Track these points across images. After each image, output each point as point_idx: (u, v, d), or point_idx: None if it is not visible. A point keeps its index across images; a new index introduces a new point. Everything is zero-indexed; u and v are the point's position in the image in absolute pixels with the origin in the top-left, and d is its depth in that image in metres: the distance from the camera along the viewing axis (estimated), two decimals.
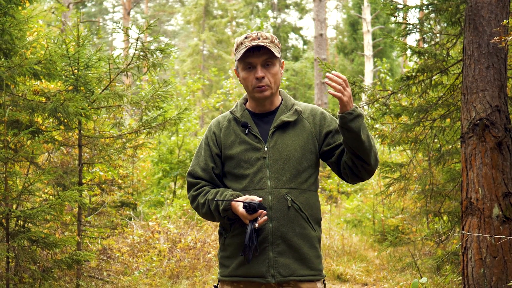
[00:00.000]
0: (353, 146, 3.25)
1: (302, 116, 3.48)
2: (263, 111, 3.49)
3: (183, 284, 8.56)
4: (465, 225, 6.68)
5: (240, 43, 3.38)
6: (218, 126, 3.54)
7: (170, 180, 14.64)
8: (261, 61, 3.35)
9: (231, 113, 3.54)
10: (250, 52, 3.33)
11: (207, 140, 3.53)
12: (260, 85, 3.35)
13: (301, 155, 3.39)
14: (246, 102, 3.58)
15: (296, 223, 3.33)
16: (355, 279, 9.41)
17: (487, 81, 6.59)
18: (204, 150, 3.52)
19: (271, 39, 3.37)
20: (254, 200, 3.21)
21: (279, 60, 3.41)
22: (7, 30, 6.07)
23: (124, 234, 9.89)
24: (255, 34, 3.35)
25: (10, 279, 6.47)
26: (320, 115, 3.51)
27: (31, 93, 6.99)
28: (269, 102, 3.46)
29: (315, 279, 3.40)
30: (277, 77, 3.40)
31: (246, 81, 3.39)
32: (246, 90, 3.46)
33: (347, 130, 3.19)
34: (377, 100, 8.40)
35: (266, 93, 3.38)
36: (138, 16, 48.23)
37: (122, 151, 8.28)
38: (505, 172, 6.52)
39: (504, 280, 6.37)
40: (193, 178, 3.52)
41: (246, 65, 3.37)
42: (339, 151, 3.43)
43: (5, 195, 6.10)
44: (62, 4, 18.33)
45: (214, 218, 3.42)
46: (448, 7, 7.69)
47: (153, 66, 7.64)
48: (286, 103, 3.51)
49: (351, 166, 3.36)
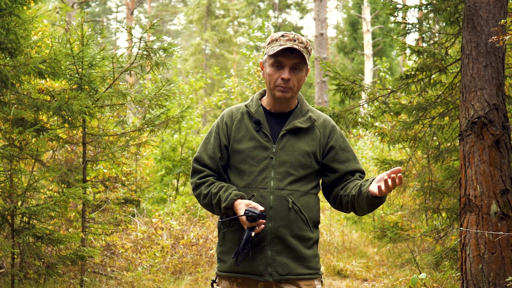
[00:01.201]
0: (359, 208, 3.33)
1: (315, 124, 3.46)
2: (278, 110, 3.46)
3: (186, 279, 8.56)
4: (463, 222, 6.68)
5: (275, 39, 3.36)
6: (231, 117, 3.50)
7: (173, 177, 14.64)
8: (291, 63, 3.32)
9: (245, 107, 3.51)
10: (283, 51, 3.31)
11: (218, 129, 3.50)
12: (284, 86, 3.33)
13: (307, 161, 3.38)
14: (262, 97, 3.56)
15: (295, 224, 3.32)
16: (355, 275, 9.41)
17: (485, 80, 6.59)
18: (214, 139, 3.48)
19: (306, 44, 3.35)
20: (257, 208, 3.19)
21: (306, 66, 3.39)
22: (12, 29, 6.07)
23: (128, 230, 9.90)
24: (292, 35, 3.33)
25: (16, 275, 6.48)
26: (331, 128, 3.50)
27: (36, 92, 6.99)
28: (286, 103, 3.43)
29: (312, 277, 3.39)
30: (300, 82, 3.38)
31: (271, 78, 3.37)
32: (267, 86, 3.43)
33: (367, 204, 3.24)
34: (377, 99, 8.40)
35: (287, 95, 3.36)
36: (141, 15, 48.24)
37: (125, 149, 8.28)
38: (503, 169, 6.52)
39: (502, 275, 6.37)
40: (199, 165, 3.49)
41: (275, 63, 3.34)
42: (334, 177, 3.47)
43: (10, 192, 6.10)
44: (66, 4, 18.34)
45: (213, 211, 3.41)
46: (447, 7, 7.68)
47: (156, 65, 7.64)
48: (302, 107, 3.49)
49: (343, 206, 3.45)
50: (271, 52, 3.32)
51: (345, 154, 3.47)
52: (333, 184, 3.49)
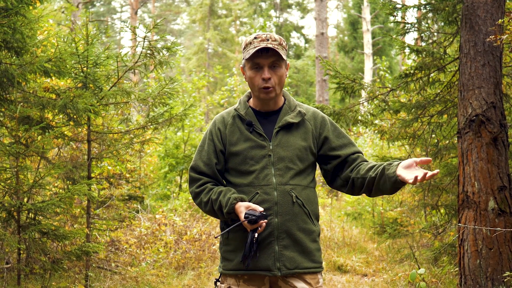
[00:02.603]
0: (378, 190, 3.30)
1: (305, 118, 3.48)
2: (266, 110, 3.47)
3: (189, 274, 8.57)
4: (461, 218, 6.68)
5: (249, 43, 3.36)
6: (223, 122, 3.50)
7: (176, 174, 14.65)
8: (269, 62, 3.32)
9: (235, 110, 3.51)
10: (258, 52, 3.31)
11: (211, 136, 3.49)
12: (266, 86, 3.33)
13: (303, 154, 3.39)
14: (249, 99, 3.56)
15: (299, 218, 3.33)
16: (355, 270, 9.40)
17: (483, 79, 6.59)
18: (208, 145, 3.48)
19: (279, 41, 3.36)
20: (256, 210, 3.19)
21: (285, 62, 3.39)
22: (18, 29, 6.07)
23: (132, 226, 9.90)
24: (264, 35, 3.33)
25: (22, 270, 6.49)
26: (321, 118, 3.51)
27: (42, 90, 6.99)
28: (273, 102, 3.44)
29: (317, 271, 3.41)
30: (282, 79, 3.38)
31: (253, 80, 3.37)
32: (251, 89, 3.44)
33: (391, 187, 3.21)
34: (377, 97, 8.40)
35: (271, 94, 3.36)
36: (145, 15, 48.22)
37: (129, 146, 8.28)
38: (500, 166, 6.53)
39: (500, 271, 6.37)
40: (195, 173, 3.49)
41: (253, 65, 3.34)
42: (336, 163, 3.46)
43: (16, 189, 6.11)
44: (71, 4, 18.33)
45: (217, 216, 3.41)
46: (445, 6, 7.68)
47: (160, 64, 7.64)
48: (289, 103, 3.50)
49: (355, 188, 3.43)
50: (248, 56, 3.33)
51: (340, 140, 3.48)
52: (337, 169, 3.49)
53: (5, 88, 6.32)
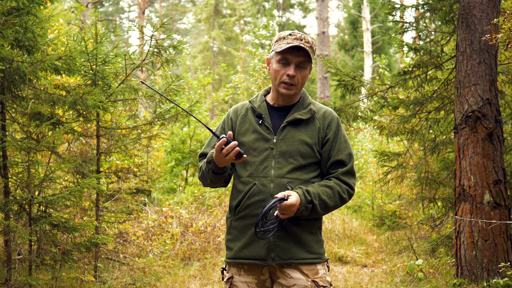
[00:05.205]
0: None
1: (315, 116, 3.45)
2: (281, 105, 3.47)
3: (194, 265, 8.58)
4: (458, 211, 6.68)
5: (282, 37, 3.36)
6: (236, 113, 3.53)
7: (182, 168, 14.65)
8: (297, 61, 3.33)
9: (249, 103, 3.54)
10: (290, 49, 3.31)
11: (224, 124, 3.53)
12: (290, 82, 3.34)
13: (307, 151, 3.35)
14: (267, 94, 3.57)
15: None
16: (355, 261, 9.41)
17: (478, 76, 6.58)
18: (219, 133, 3.50)
19: (311, 44, 3.37)
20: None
21: (310, 65, 3.40)
22: (30, 28, 6.07)
23: (139, 219, 9.91)
24: (299, 35, 3.33)
25: (33, 261, 6.50)
26: (330, 119, 3.47)
27: (52, 87, 6.99)
28: (289, 98, 3.44)
29: (315, 261, 3.35)
30: (304, 80, 3.39)
31: (276, 74, 3.37)
32: (272, 81, 3.44)
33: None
34: (376, 94, 8.39)
35: (291, 91, 3.36)
36: (152, 15, 48.18)
37: (137, 141, 8.30)
38: (495, 161, 6.52)
39: (495, 262, 6.37)
40: (200, 157, 3.56)
41: (282, 59, 3.34)
42: (324, 164, 3.43)
43: (28, 183, 6.12)
44: (81, 3, 18.34)
45: (207, 179, 3.41)
46: (442, 6, 7.68)
47: (166, 62, 7.64)
48: (304, 101, 3.48)
49: None
50: (279, 49, 3.33)
51: (333, 144, 3.42)
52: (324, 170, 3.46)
53: (17, 85, 6.31)
